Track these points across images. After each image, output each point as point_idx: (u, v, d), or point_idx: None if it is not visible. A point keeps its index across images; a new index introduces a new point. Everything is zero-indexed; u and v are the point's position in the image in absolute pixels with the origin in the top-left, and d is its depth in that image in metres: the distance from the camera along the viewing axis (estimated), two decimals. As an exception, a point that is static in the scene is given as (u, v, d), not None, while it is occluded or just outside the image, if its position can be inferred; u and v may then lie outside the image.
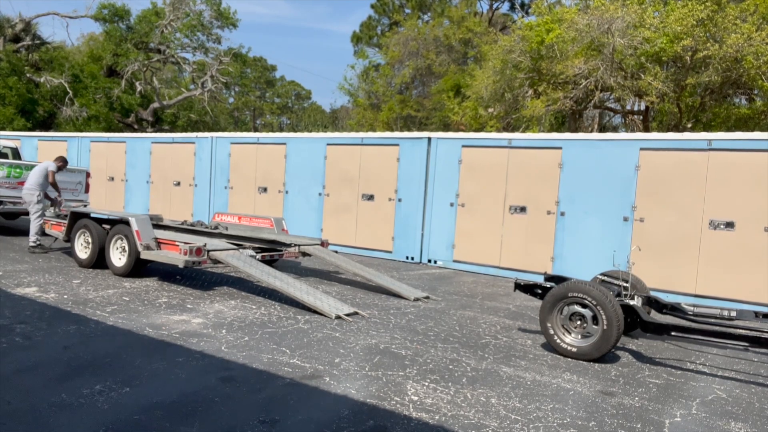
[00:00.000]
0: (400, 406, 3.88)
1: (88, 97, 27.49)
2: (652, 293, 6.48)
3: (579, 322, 5.30)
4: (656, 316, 6.25)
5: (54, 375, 4.05)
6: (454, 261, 10.72)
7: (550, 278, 6.48)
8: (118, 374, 4.13)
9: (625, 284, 5.86)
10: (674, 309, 6.00)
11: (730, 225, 8.24)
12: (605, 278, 6.41)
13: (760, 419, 4.12)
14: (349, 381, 4.31)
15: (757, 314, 5.70)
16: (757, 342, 4.95)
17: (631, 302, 5.52)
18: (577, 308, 5.26)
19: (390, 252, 11.39)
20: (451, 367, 4.82)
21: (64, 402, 3.61)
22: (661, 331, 5.33)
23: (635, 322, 5.43)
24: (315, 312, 6.38)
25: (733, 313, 5.73)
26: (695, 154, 8.50)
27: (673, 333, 5.24)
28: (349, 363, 4.73)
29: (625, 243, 8.98)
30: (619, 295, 5.78)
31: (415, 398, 4.05)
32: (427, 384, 4.36)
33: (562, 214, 9.58)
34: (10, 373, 4.03)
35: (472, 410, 3.90)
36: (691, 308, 5.95)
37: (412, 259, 11.18)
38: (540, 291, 6.03)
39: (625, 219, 9.00)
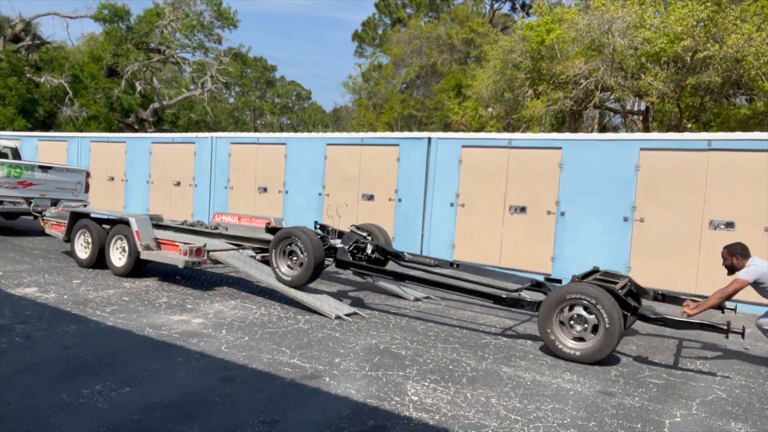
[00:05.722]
0: (400, 406, 3.88)
1: (88, 97, 27.49)
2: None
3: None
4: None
5: (54, 375, 4.05)
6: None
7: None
8: (118, 374, 4.13)
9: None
10: (396, 256, 7.44)
11: (730, 225, 8.24)
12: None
13: (760, 419, 4.11)
14: (349, 381, 4.31)
15: (452, 264, 7.26)
16: (452, 289, 6.06)
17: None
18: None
19: (390, 252, 11.37)
20: (451, 367, 4.82)
21: (64, 402, 3.61)
22: (346, 266, 6.73)
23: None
24: (315, 312, 6.38)
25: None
26: (695, 154, 8.51)
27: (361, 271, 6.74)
28: (349, 363, 4.72)
29: (625, 243, 8.98)
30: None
31: (415, 398, 4.05)
32: (427, 384, 4.35)
33: (562, 214, 9.58)
34: (10, 373, 4.03)
35: (472, 410, 3.90)
36: (410, 256, 7.50)
37: (412, 259, 11.17)
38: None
39: (625, 219, 9.00)
